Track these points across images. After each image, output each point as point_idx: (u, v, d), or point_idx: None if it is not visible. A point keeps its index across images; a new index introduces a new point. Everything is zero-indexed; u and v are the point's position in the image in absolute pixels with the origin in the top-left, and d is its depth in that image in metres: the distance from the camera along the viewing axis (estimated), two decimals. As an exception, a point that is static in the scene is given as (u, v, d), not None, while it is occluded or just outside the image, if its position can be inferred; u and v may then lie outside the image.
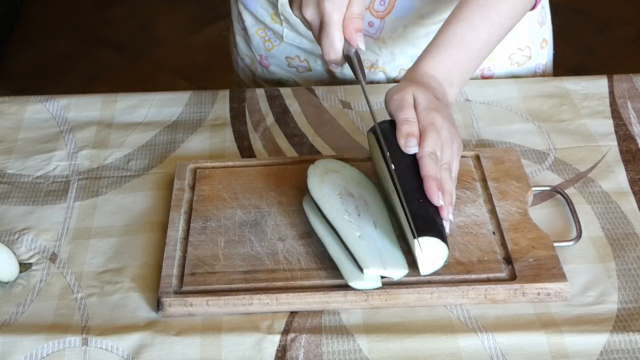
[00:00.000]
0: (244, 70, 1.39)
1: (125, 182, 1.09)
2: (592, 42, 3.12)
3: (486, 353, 0.86)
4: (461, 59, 1.01)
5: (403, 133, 0.92)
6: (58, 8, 3.44)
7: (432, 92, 0.96)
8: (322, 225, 0.95)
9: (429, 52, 1.01)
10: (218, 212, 1.00)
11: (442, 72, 1.00)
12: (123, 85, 2.91)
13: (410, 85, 0.96)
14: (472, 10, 1.02)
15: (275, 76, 1.34)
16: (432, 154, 0.90)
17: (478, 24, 1.02)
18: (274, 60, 1.32)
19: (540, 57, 1.32)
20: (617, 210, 1.02)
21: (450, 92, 1.00)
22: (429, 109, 0.93)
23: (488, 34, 1.03)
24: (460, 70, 1.01)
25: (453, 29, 1.01)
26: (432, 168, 0.90)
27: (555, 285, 0.90)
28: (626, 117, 1.17)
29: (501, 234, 0.96)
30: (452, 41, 1.01)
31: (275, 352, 0.87)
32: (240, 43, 1.36)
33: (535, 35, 1.30)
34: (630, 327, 0.88)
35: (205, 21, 3.29)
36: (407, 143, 0.91)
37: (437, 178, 0.89)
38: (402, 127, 0.92)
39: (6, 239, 1.01)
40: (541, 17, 1.30)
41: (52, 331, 0.90)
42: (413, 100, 0.94)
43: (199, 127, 1.18)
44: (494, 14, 1.03)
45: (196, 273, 0.92)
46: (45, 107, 1.23)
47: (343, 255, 0.91)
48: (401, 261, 0.90)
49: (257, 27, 1.31)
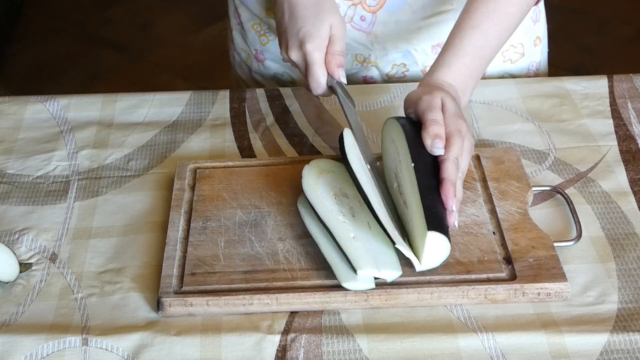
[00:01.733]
0: (240, 65, 1.40)
1: (125, 182, 1.09)
2: (592, 42, 3.12)
3: (486, 353, 0.86)
4: (476, 67, 1.04)
5: (431, 133, 0.93)
6: (58, 8, 3.44)
7: (455, 99, 0.98)
8: (317, 226, 0.95)
9: (445, 61, 1.02)
10: (218, 212, 1.00)
11: (459, 81, 1.02)
12: (123, 85, 2.91)
13: (438, 90, 0.98)
14: (482, 16, 1.04)
15: (271, 71, 1.34)
16: (455, 159, 0.92)
17: (489, 30, 1.04)
18: (269, 54, 1.33)
19: (533, 54, 1.32)
20: (617, 210, 1.02)
21: (463, 99, 1.03)
22: (457, 116, 0.95)
23: (498, 38, 1.05)
24: (475, 78, 1.04)
25: (467, 37, 1.03)
26: (453, 173, 0.91)
27: (555, 285, 0.90)
28: (626, 117, 1.17)
29: (501, 234, 0.96)
30: (468, 50, 1.02)
31: (275, 352, 0.87)
32: (237, 38, 1.37)
33: (529, 32, 1.30)
34: (630, 327, 0.88)
35: (205, 21, 3.29)
36: (435, 144, 0.92)
37: (455, 184, 0.91)
38: (430, 128, 0.93)
39: (6, 239, 1.01)
40: (535, 15, 1.30)
41: (52, 331, 0.90)
42: (441, 104, 0.96)
43: (199, 127, 1.18)
44: (504, 18, 1.05)
45: (196, 273, 0.92)
46: (45, 107, 1.23)
47: (337, 256, 0.91)
48: (395, 262, 0.90)
49: (252, 22, 1.32)
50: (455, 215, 0.90)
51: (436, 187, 0.91)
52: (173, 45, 3.20)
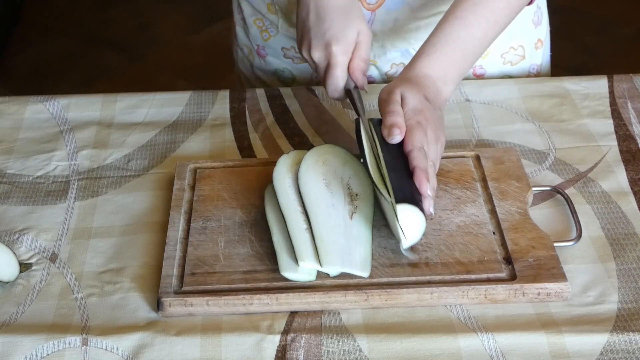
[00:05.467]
0: (242, 60, 1.40)
1: (125, 182, 1.09)
2: (592, 42, 3.12)
3: (486, 353, 0.86)
4: (457, 57, 1.03)
5: (387, 123, 0.95)
6: (58, 8, 3.44)
7: (422, 92, 0.99)
8: (274, 213, 0.96)
9: (425, 51, 1.03)
10: (218, 212, 1.00)
11: (437, 70, 1.02)
12: (123, 85, 2.91)
13: (401, 84, 0.99)
14: (466, 9, 1.04)
15: (272, 67, 1.35)
16: (421, 148, 0.93)
17: (473, 22, 1.04)
18: (270, 50, 1.33)
19: (534, 57, 1.32)
20: (617, 210, 1.02)
21: (445, 89, 1.02)
22: (416, 109, 0.96)
23: (483, 32, 1.05)
24: (456, 68, 1.04)
25: (449, 28, 1.04)
26: (422, 161, 0.92)
27: (555, 285, 0.90)
28: (626, 117, 1.17)
29: (501, 234, 0.96)
30: (448, 39, 1.03)
31: (275, 352, 0.87)
32: (240, 33, 1.38)
33: (530, 35, 1.30)
34: (630, 327, 0.88)
35: (205, 21, 3.29)
36: (392, 132, 0.94)
37: (426, 170, 0.92)
38: (386, 118, 0.96)
39: (6, 239, 1.01)
40: (536, 17, 1.30)
41: (52, 331, 0.90)
42: (401, 98, 0.97)
43: (199, 127, 1.18)
44: (488, 12, 1.05)
45: (196, 273, 0.92)
46: (45, 107, 1.23)
47: (285, 245, 0.92)
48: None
49: (254, 17, 1.32)
50: (430, 202, 0.92)
51: (404, 169, 0.92)
52: (173, 45, 3.20)
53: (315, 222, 0.93)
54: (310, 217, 0.94)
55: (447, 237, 0.95)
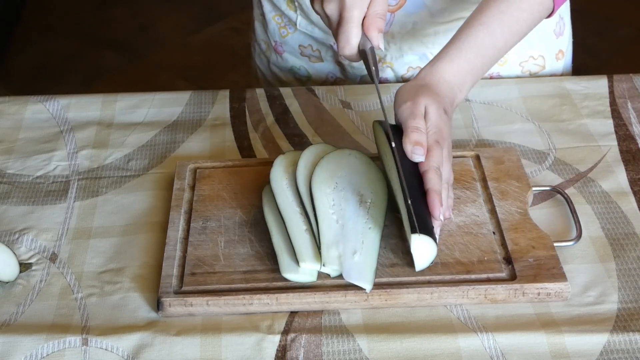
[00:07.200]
0: (259, 56, 1.41)
1: (125, 182, 1.09)
2: (593, 42, 3.12)
3: (486, 353, 0.86)
4: (477, 65, 1.01)
5: (411, 140, 0.92)
6: (58, 8, 3.44)
7: (442, 105, 0.96)
8: (273, 214, 0.96)
9: (448, 54, 1.01)
10: (218, 212, 1.00)
11: (457, 77, 1.00)
12: (123, 85, 2.91)
13: (423, 94, 0.96)
14: (492, 16, 1.02)
15: (288, 64, 1.35)
16: (437, 169, 0.91)
17: (497, 30, 1.02)
18: (287, 47, 1.34)
19: (555, 67, 1.31)
20: (617, 210, 1.02)
21: (460, 96, 1.01)
22: (437, 126, 0.94)
23: (504, 41, 1.03)
24: (474, 75, 1.02)
25: (474, 34, 1.01)
26: (437, 182, 0.91)
27: (555, 285, 0.90)
28: (626, 117, 1.17)
29: (501, 234, 0.96)
30: (472, 46, 1.01)
31: (275, 352, 0.87)
32: (258, 28, 1.38)
33: (551, 45, 1.29)
34: (630, 327, 0.88)
35: (205, 21, 3.29)
36: (415, 150, 0.92)
37: (440, 194, 0.90)
38: (411, 134, 0.93)
39: (6, 239, 1.01)
40: (558, 28, 1.29)
41: (52, 331, 0.90)
42: (424, 111, 0.95)
43: (199, 127, 1.18)
44: (513, 22, 1.03)
45: (196, 273, 0.92)
46: (45, 107, 1.23)
47: (285, 246, 0.92)
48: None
49: (273, 13, 1.33)
50: (439, 225, 0.91)
51: (419, 191, 0.90)
52: (173, 45, 3.20)
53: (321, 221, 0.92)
54: (318, 216, 0.93)
55: (447, 237, 0.95)
